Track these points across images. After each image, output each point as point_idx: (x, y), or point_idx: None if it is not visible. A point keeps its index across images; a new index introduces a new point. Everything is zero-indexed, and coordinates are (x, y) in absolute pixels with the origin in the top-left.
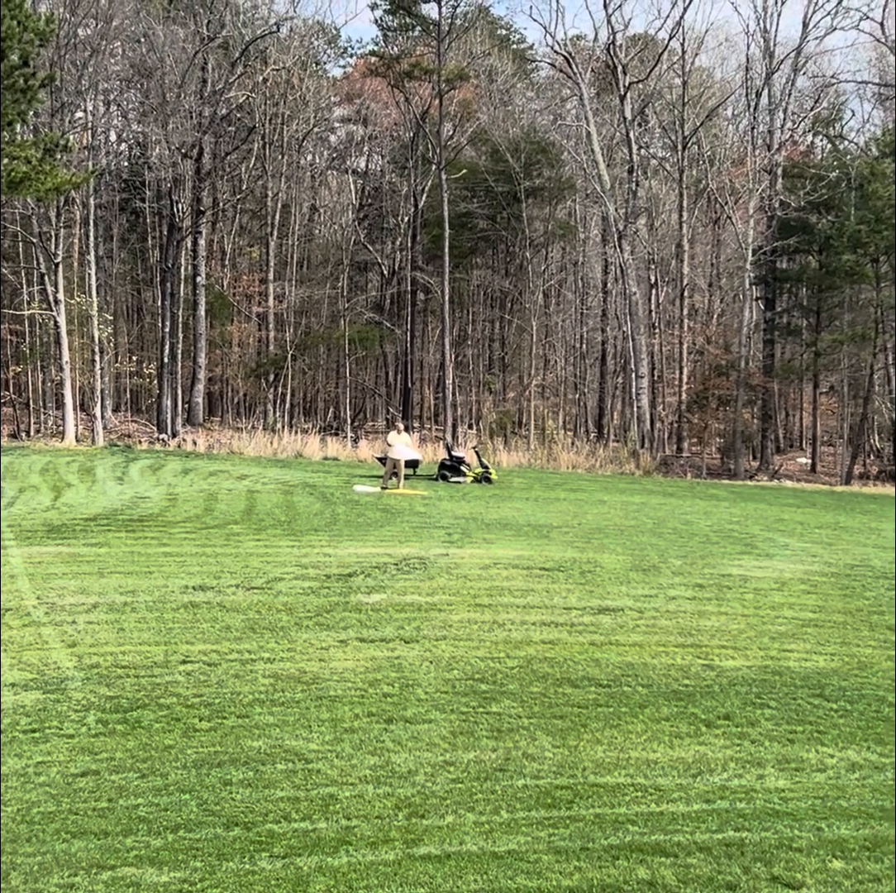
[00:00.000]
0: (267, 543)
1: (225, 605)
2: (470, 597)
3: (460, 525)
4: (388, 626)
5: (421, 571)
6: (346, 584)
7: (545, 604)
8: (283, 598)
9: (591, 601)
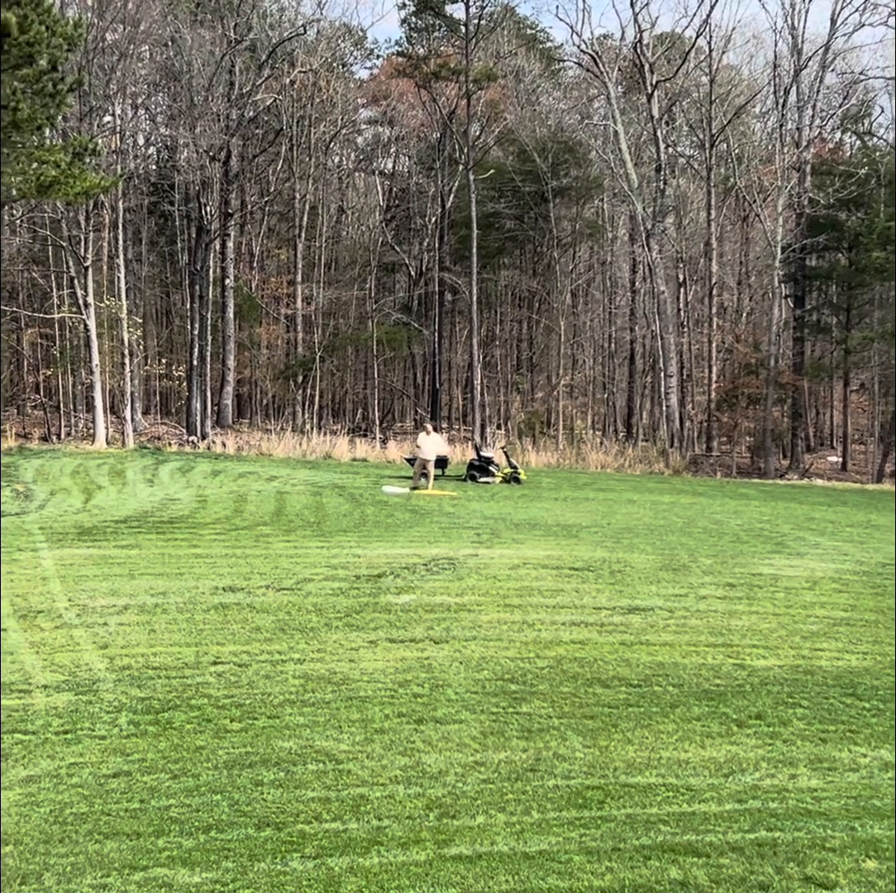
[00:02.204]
0: (296, 544)
1: (255, 606)
2: (499, 597)
3: (489, 525)
4: (418, 627)
5: (450, 571)
6: (375, 585)
7: (575, 604)
8: (312, 599)
9: (621, 600)
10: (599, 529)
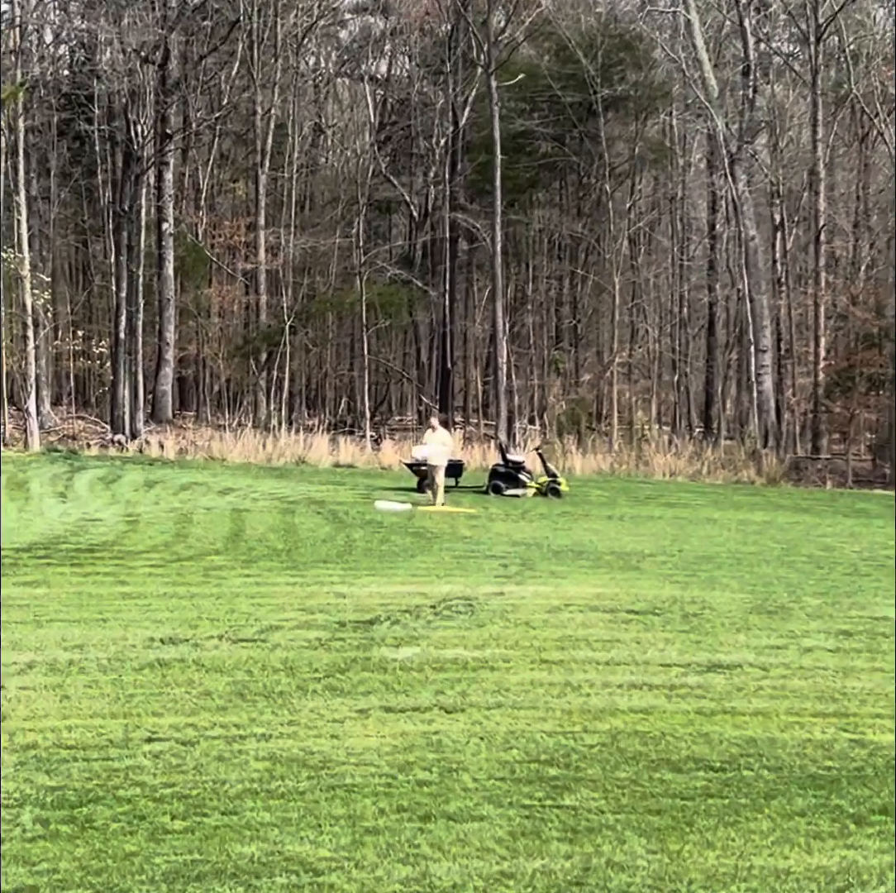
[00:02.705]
0: (259, 579)
1: (204, 663)
2: (533, 651)
3: (519, 554)
4: (424, 690)
5: (467, 616)
6: (366, 634)
7: (635, 660)
8: (281, 653)
9: (698, 654)
10: (668, 558)
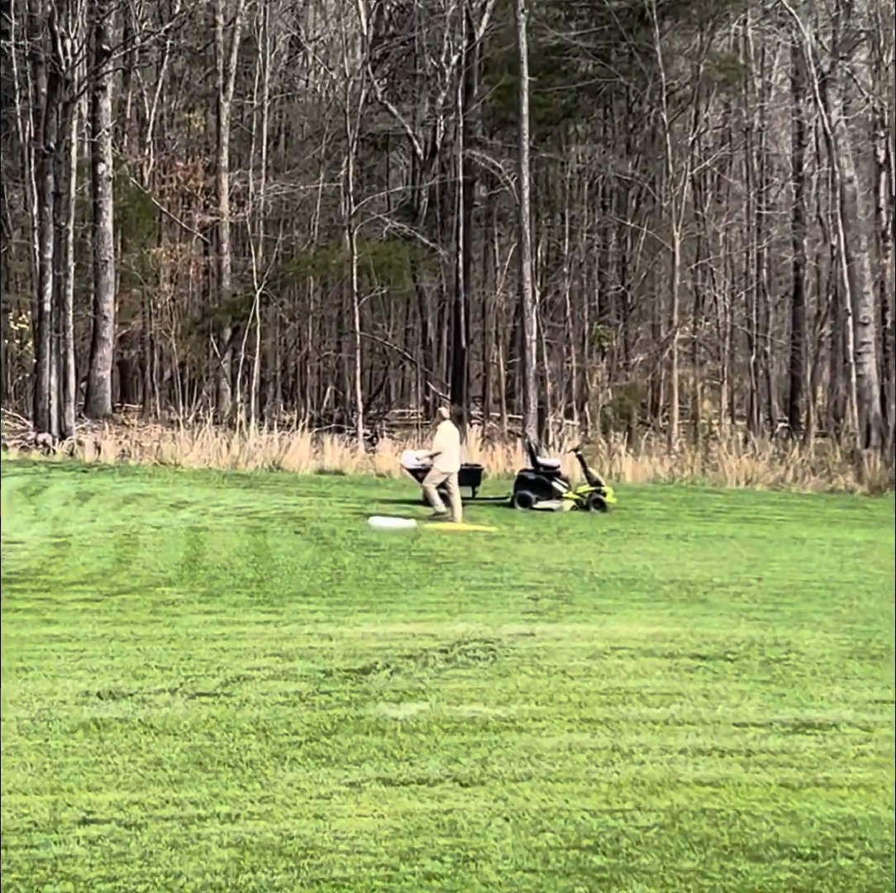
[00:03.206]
0: (223, 617)
1: (153, 724)
2: (572, 707)
3: (554, 583)
4: (433, 758)
5: (487, 663)
6: (359, 686)
7: (702, 718)
8: (251, 711)
9: (782, 711)
10: (744, 588)
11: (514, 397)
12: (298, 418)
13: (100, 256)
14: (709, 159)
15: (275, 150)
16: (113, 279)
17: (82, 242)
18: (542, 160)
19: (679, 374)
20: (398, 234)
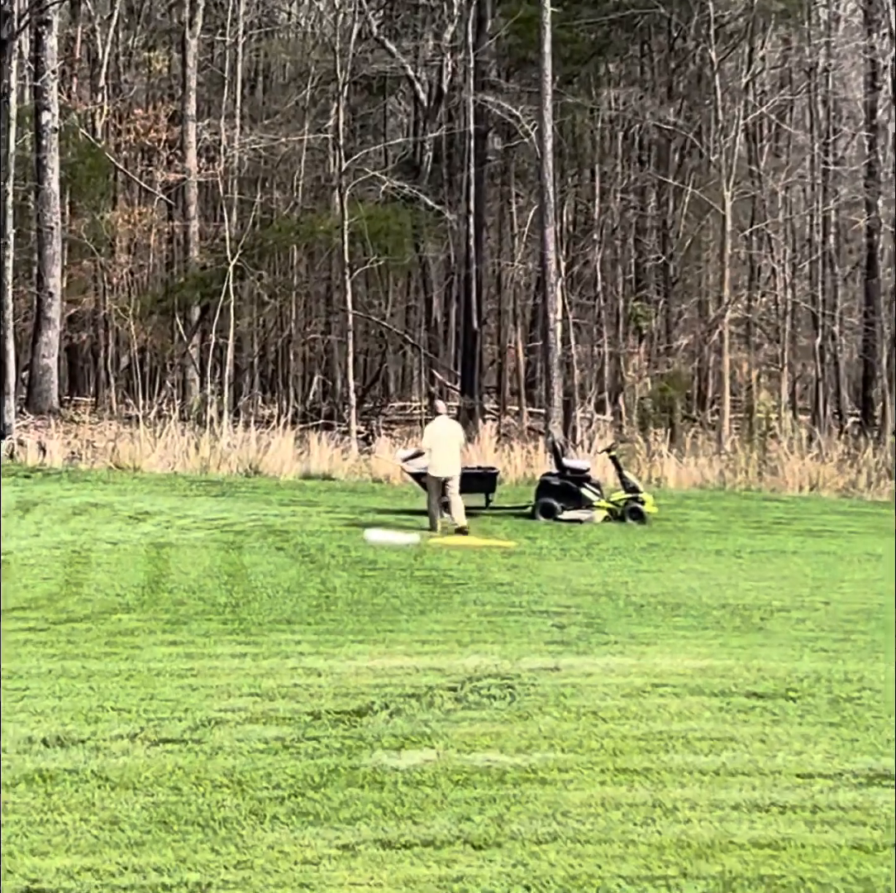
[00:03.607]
0: (191, 649)
1: (109, 776)
2: (605, 755)
3: (583, 608)
4: (440, 816)
5: (504, 702)
6: (352, 731)
7: (758, 768)
8: (225, 761)
9: (854, 759)
10: (808, 614)
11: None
12: (280, 414)
13: (44, 221)
14: (765, 105)
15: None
16: (60, 250)
17: (23, 206)
18: (568, 107)
19: (731, 359)
20: (397, 194)
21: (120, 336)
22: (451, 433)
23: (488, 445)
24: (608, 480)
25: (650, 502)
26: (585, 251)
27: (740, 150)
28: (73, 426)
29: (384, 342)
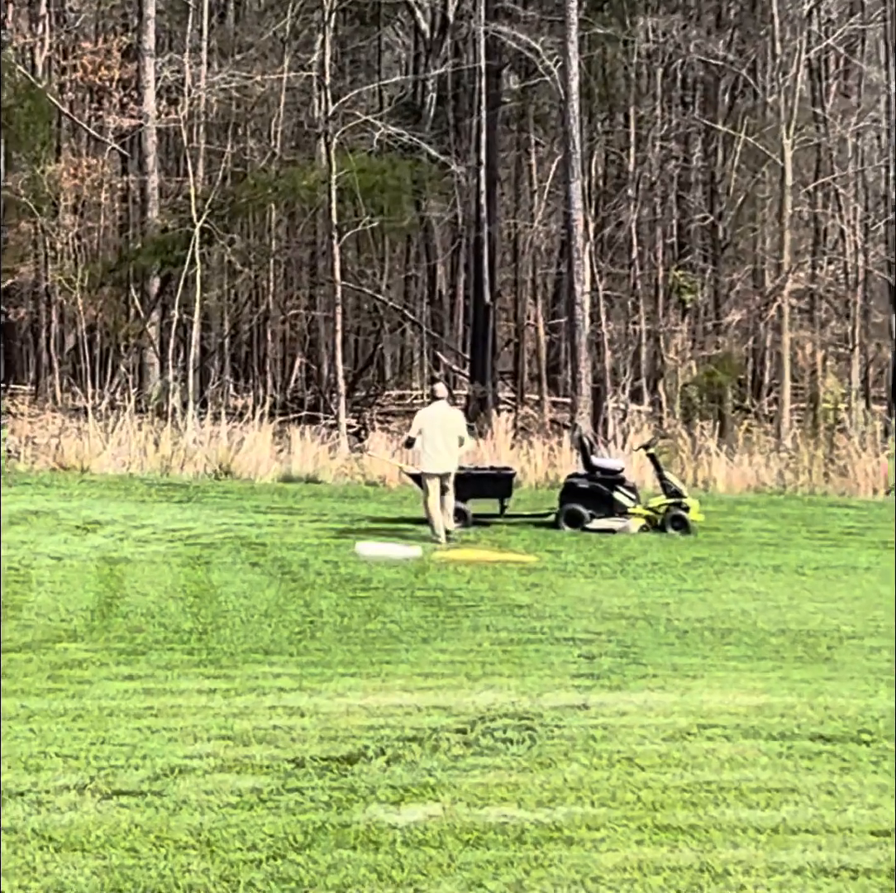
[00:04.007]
0: (150, 685)
1: (53, 836)
2: (643, 809)
3: (617, 635)
4: (447, 882)
5: (523, 747)
6: (342, 781)
7: (825, 825)
8: (191, 816)
9: None
10: (885, 641)
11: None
12: (255, 404)
13: None
14: (832, 36)
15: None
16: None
17: None
18: (597, 38)
19: (791, 339)
20: (394, 143)
21: (65, 312)
22: (449, 421)
23: (503, 440)
24: (646, 482)
25: (696, 508)
26: (618, 210)
27: (802, 89)
28: (9, 419)
29: (379, 319)
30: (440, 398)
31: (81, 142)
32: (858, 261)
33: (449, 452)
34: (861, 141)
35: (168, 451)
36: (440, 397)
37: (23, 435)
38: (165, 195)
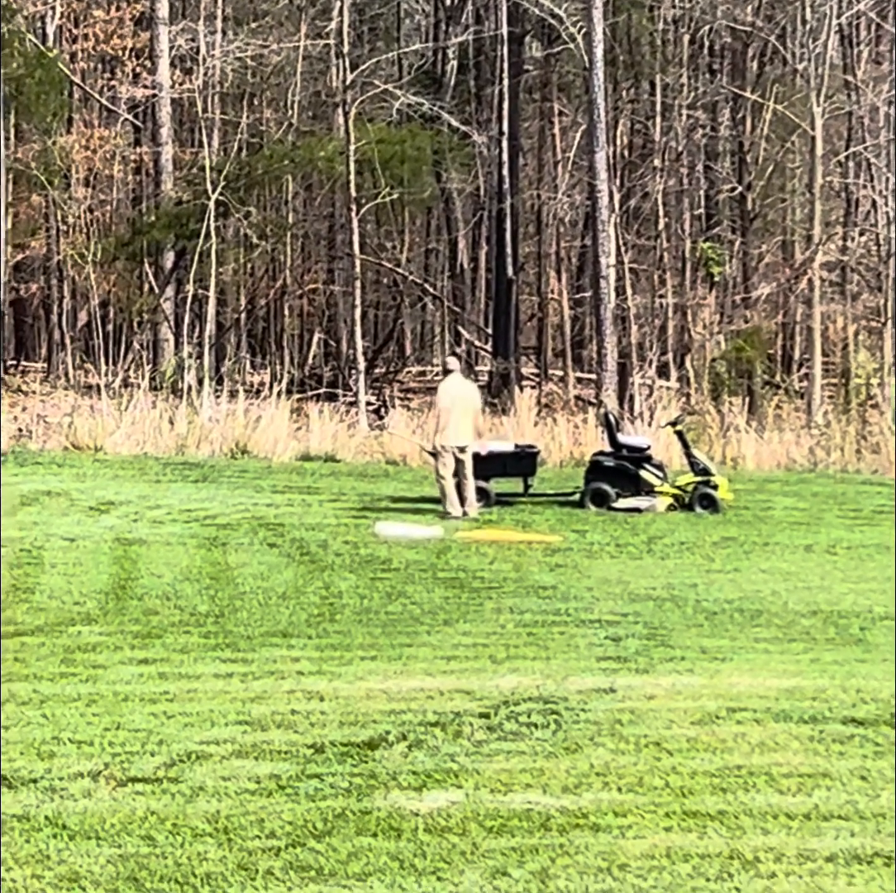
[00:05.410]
0: (165, 669)
1: (67, 823)
2: (671, 795)
3: (644, 617)
4: (470, 870)
5: (548, 732)
6: (362, 767)
7: (859, 811)
8: (208, 803)
9: None
10: None
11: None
12: (273, 381)
13: None
14: (863, 1)
15: None
16: (3, 182)
17: None
18: (622, 4)
19: (822, 312)
20: (414, 112)
21: (77, 288)
22: (466, 395)
23: (527, 418)
24: (673, 460)
25: (724, 486)
26: (644, 181)
27: (833, 56)
28: (20, 398)
29: (399, 294)
30: (452, 371)
31: (94, 112)
32: (891, 232)
33: (467, 426)
34: (893, 109)
35: (183, 429)
36: (452, 370)
37: (34, 414)
38: (179, 167)
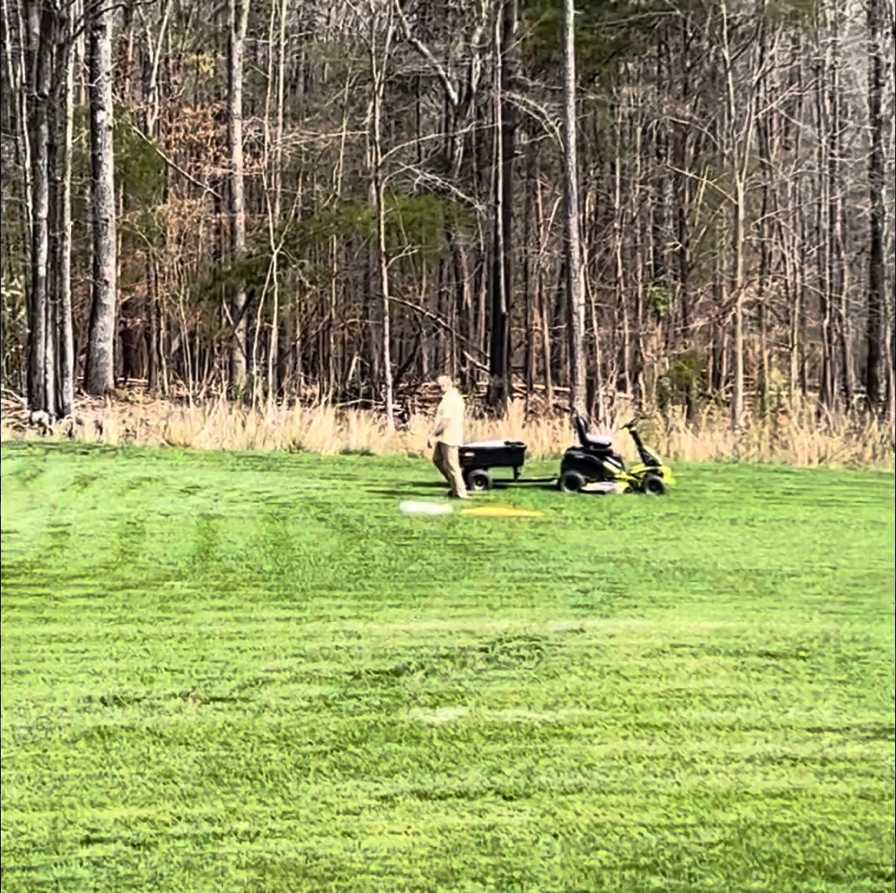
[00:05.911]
0: (239, 614)
1: (163, 733)
2: (627, 711)
3: (606, 574)
4: (473, 768)
5: (532, 662)
6: (390, 690)
7: (771, 723)
8: (271, 718)
9: (861, 715)
10: (817, 578)
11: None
12: (321, 393)
13: (99, 214)
14: (775, 101)
15: (292, 94)
16: (114, 240)
17: (80, 199)
18: (590, 103)
19: (743, 340)
20: (430, 187)
21: (171, 321)
22: (458, 406)
23: (516, 421)
24: (629, 454)
25: (668, 474)
26: (607, 239)
27: (752, 143)
28: (127, 406)
29: (418, 326)
30: (444, 384)
31: (183, 187)
32: (796, 278)
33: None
34: (798, 184)
35: (252, 430)
36: (444, 384)
37: (138, 418)
38: (249, 229)
